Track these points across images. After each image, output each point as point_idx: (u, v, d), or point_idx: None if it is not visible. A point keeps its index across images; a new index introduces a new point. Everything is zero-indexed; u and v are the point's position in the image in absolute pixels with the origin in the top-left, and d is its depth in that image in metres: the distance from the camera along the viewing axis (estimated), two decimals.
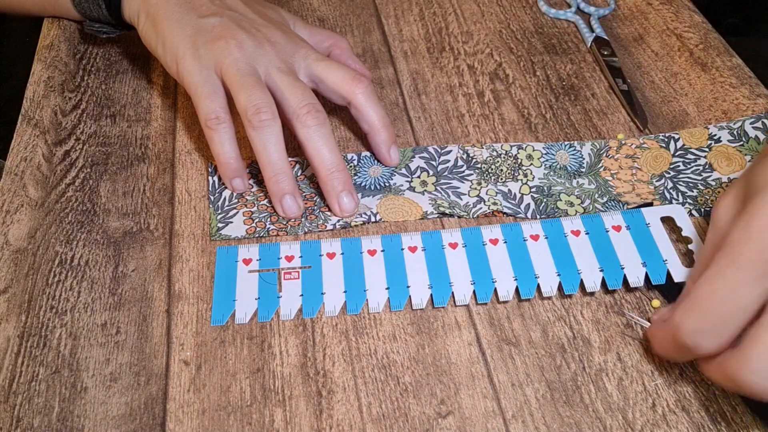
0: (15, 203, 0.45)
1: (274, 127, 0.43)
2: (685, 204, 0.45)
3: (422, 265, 0.42)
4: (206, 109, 0.44)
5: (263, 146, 0.43)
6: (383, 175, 0.47)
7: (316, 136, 0.44)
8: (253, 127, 0.43)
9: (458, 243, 0.42)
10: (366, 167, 0.47)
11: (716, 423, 0.36)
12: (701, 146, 0.48)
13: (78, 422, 0.36)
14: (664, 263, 0.41)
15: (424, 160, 0.47)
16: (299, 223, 0.44)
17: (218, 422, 0.36)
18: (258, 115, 0.43)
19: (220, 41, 0.45)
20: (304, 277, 0.41)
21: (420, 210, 0.45)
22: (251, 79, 0.44)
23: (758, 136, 0.48)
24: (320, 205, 0.45)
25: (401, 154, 0.48)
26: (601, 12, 0.59)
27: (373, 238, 0.43)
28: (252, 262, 0.42)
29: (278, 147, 0.44)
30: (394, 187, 0.46)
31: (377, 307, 0.40)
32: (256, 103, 0.43)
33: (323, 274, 0.41)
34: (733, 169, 0.46)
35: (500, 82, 0.54)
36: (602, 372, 0.38)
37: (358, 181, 0.47)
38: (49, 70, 0.53)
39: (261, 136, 0.43)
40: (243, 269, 0.41)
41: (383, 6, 0.61)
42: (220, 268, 0.41)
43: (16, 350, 0.38)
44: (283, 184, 0.43)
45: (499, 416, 0.36)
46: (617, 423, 0.36)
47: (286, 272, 0.41)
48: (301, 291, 0.40)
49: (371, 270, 0.41)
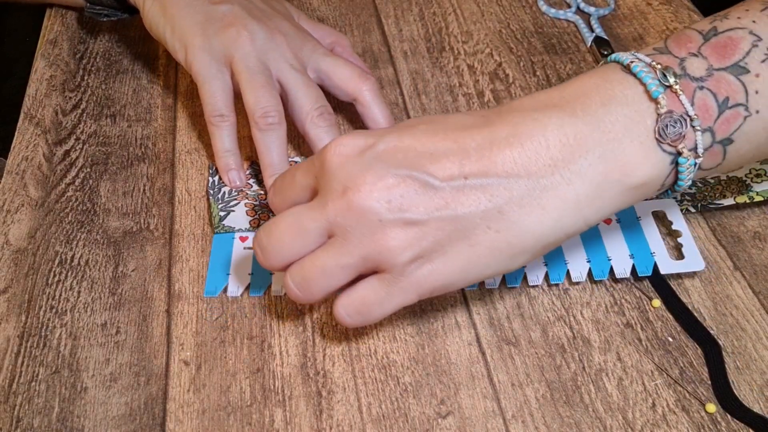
0: (15, 203, 0.45)
1: (279, 130, 0.44)
2: (683, 201, 0.45)
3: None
4: (212, 106, 0.44)
5: (266, 148, 0.44)
6: None
7: (328, 137, 0.44)
8: (259, 129, 0.43)
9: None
10: None
11: (716, 423, 0.36)
12: None
13: (78, 422, 0.36)
14: (651, 255, 0.41)
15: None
16: None
17: (218, 422, 0.36)
18: (265, 118, 0.43)
19: (231, 30, 0.45)
20: None
21: None
22: (261, 79, 0.44)
23: None
24: None
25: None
26: (601, 12, 0.59)
27: None
28: (248, 240, 0.43)
29: (280, 150, 0.44)
30: None
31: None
32: (264, 105, 0.43)
33: None
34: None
35: (500, 82, 0.54)
36: (602, 372, 0.38)
37: None
38: (51, 68, 0.54)
39: (265, 138, 0.44)
40: (239, 245, 0.42)
41: (383, 6, 0.61)
42: (217, 242, 0.42)
43: (16, 350, 0.38)
44: None
45: (499, 416, 0.36)
46: (617, 423, 0.36)
47: None
48: None
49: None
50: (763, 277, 0.42)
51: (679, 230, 0.43)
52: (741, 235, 0.44)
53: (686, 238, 0.42)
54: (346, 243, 0.33)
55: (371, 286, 0.34)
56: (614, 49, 0.56)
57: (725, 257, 0.43)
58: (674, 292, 0.41)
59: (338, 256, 0.34)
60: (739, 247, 0.43)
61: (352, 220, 0.33)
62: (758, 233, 0.44)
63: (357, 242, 0.33)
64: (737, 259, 0.43)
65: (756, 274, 0.42)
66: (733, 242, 0.44)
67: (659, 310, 0.41)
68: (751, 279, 0.42)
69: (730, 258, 0.43)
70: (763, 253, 0.43)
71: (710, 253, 0.43)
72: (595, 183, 0.33)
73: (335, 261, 0.34)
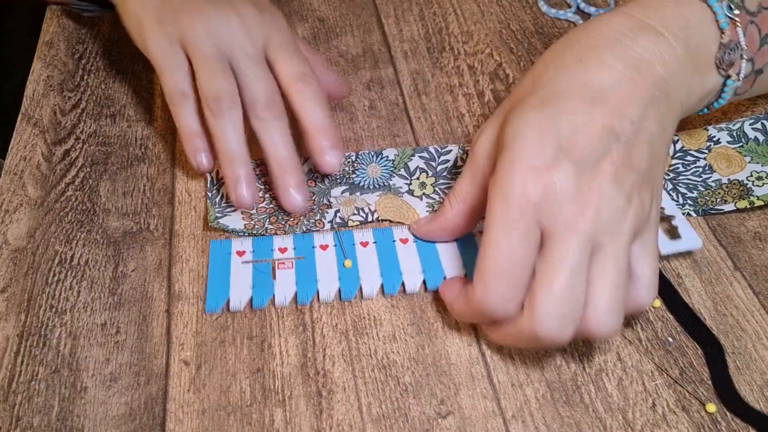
0: (14, 202, 0.45)
1: (233, 114, 0.42)
2: (685, 205, 0.45)
3: (414, 252, 0.42)
4: (171, 86, 0.43)
5: (221, 132, 0.42)
6: (382, 176, 0.47)
7: (272, 129, 0.43)
8: (212, 113, 0.42)
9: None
10: (364, 165, 0.47)
11: (716, 423, 0.36)
12: (700, 147, 0.48)
13: (78, 422, 0.36)
14: None
15: (423, 161, 0.47)
16: (298, 222, 0.44)
17: (218, 422, 0.36)
18: (218, 102, 0.42)
19: (185, 14, 0.43)
20: (297, 267, 0.42)
21: (416, 215, 0.45)
22: (214, 64, 0.43)
23: (758, 137, 0.48)
24: (319, 204, 0.45)
25: (400, 154, 0.47)
26: (601, 12, 0.59)
27: (364, 231, 0.43)
28: (245, 254, 0.42)
29: (237, 134, 0.42)
30: (394, 188, 0.46)
31: (371, 292, 0.40)
32: (216, 90, 0.42)
33: (317, 264, 0.42)
34: (732, 170, 0.46)
35: (500, 82, 0.54)
36: (602, 372, 0.38)
37: (357, 180, 0.46)
38: (48, 69, 0.53)
39: (219, 122, 0.42)
40: (236, 260, 0.42)
41: (383, 6, 0.61)
42: (214, 260, 0.42)
43: (16, 349, 0.38)
44: (238, 170, 0.42)
45: (499, 416, 0.36)
46: (617, 423, 0.36)
47: (279, 262, 0.42)
48: (295, 278, 0.41)
49: (364, 259, 0.42)
50: (763, 278, 0.42)
51: (672, 214, 0.43)
52: (741, 236, 0.44)
53: (680, 220, 0.43)
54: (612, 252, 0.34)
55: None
56: None
57: (725, 257, 0.43)
58: (676, 292, 0.41)
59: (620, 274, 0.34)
60: (739, 248, 0.43)
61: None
62: (758, 234, 0.44)
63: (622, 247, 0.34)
64: (737, 260, 0.43)
65: (756, 275, 0.42)
66: (733, 242, 0.44)
67: (659, 310, 0.41)
68: (751, 279, 0.42)
69: (730, 258, 0.43)
70: (763, 254, 0.43)
71: (710, 254, 0.43)
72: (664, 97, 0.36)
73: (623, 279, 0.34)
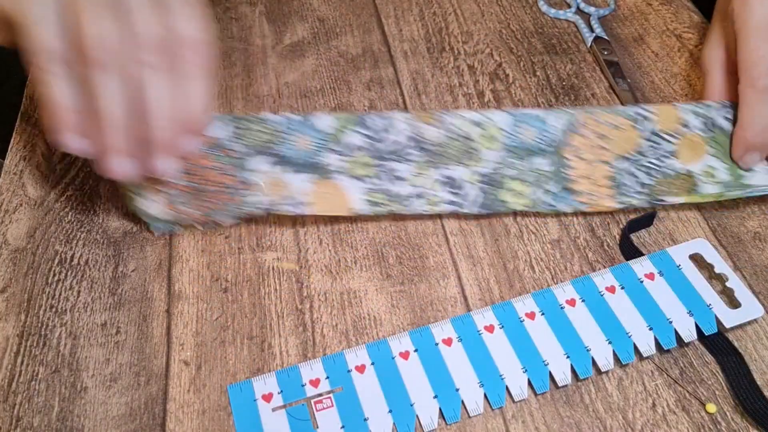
0: (14, 202, 0.45)
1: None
2: (641, 193, 0.44)
3: (464, 357, 0.37)
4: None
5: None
6: (309, 149, 0.41)
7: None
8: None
9: (494, 325, 0.39)
10: (293, 135, 0.41)
11: (716, 423, 0.36)
12: (673, 130, 0.45)
13: (78, 422, 0.36)
14: (709, 309, 0.39)
15: (363, 138, 0.42)
16: (221, 204, 0.41)
17: (218, 422, 0.36)
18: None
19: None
20: (338, 403, 0.36)
21: (347, 202, 0.41)
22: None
23: (728, 127, 0.45)
24: (241, 180, 0.41)
25: (336, 120, 0.41)
26: (601, 12, 0.59)
27: (401, 337, 0.38)
28: (274, 397, 0.36)
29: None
30: (322, 167, 0.42)
31: (431, 423, 0.35)
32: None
33: (359, 395, 0.36)
34: (690, 160, 0.45)
35: (500, 82, 0.54)
36: (602, 372, 0.38)
37: (282, 151, 0.41)
38: None
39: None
40: (265, 408, 0.36)
41: (383, 6, 0.61)
42: (238, 411, 0.36)
43: (16, 349, 0.38)
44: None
45: (499, 416, 0.36)
46: (617, 423, 0.36)
47: (316, 401, 0.36)
48: (340, 422, 0.35)
49: (410, 378, 0.37)
50: (763, 277, 0.42)
51: (725, 274, 0.41)
52: (741, 236, 0.44)
53: (734, 281, 0.40)
54: None
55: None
56: (614, 49, 0.56)
57: (725, 257, 0.43)
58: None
59: None
60: (739, 248, 0.43)
61: None
62: (758, 234, 0.44)
63: None
64: (737, 259, 0.43)
65: (756, 274, 0.42)
66: (733, 242, 0.44)
67: None
68: (751, 279, 0.42)
69: (730, 258, 0.43)
70: (763, 254, 0.43)
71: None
72: None
73: None
